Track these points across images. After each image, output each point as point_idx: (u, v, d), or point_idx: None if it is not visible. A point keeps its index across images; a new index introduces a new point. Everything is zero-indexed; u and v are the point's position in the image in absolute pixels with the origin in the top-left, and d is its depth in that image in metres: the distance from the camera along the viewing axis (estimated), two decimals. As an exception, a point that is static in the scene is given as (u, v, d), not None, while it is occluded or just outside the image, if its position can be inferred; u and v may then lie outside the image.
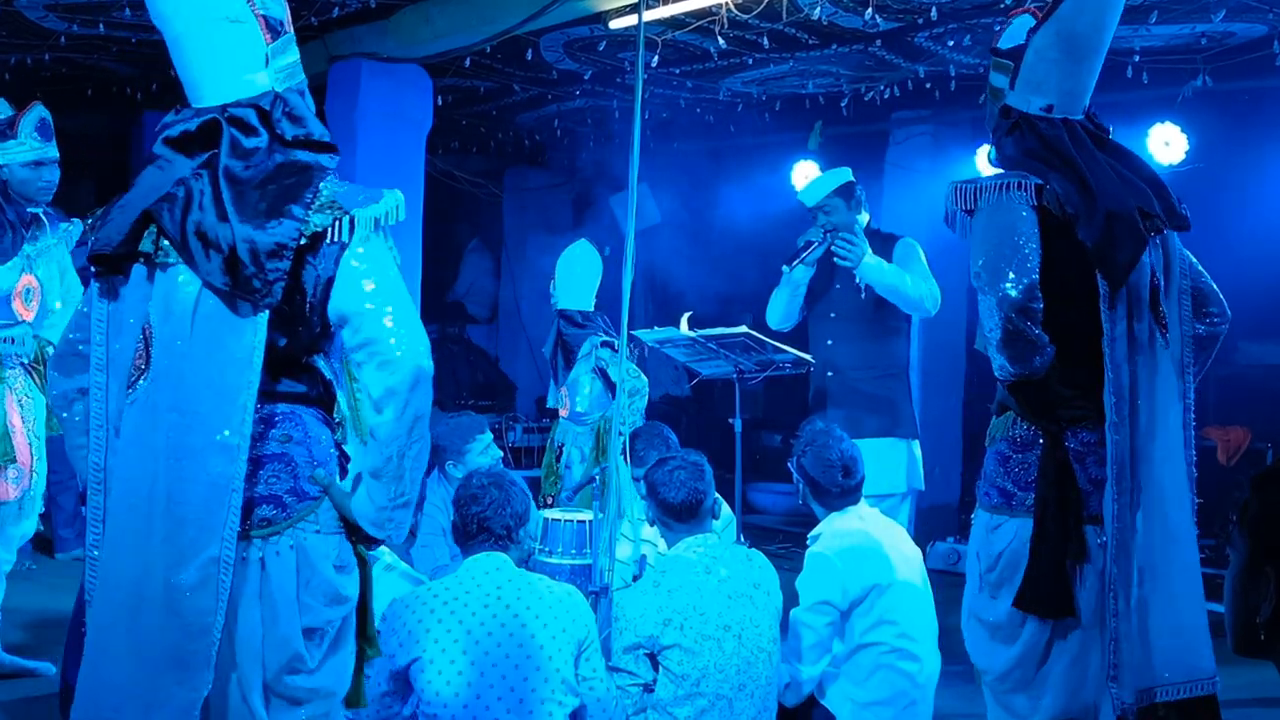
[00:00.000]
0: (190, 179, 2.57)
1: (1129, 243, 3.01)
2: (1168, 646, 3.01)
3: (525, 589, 3.45)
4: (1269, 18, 5.86)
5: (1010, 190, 3.04)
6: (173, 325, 2.56)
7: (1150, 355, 3.08)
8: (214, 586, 2.50)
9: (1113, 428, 3.00)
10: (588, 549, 4.42)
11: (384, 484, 2.59)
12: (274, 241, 2.50)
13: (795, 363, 5.37)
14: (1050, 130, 3.11)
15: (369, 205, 2.60)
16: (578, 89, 8.05)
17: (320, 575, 2.62)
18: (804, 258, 5.54)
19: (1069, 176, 3.04)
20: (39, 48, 6.99)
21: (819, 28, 6.29)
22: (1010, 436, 3.20)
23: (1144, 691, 3.01)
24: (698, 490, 3.86)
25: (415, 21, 6.66)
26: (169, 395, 2.54)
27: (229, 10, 2.59)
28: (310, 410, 2.70)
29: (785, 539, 8.04)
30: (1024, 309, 2.95)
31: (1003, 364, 3.04)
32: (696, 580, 3.75)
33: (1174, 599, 3.04)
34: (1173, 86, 6.68)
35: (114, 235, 2.61)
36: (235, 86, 2.62)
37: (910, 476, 5.56)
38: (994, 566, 3.19)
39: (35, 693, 4.62)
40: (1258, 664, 3.85)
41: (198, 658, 2.51)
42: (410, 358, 2.54)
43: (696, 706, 3.66)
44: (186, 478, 2.52)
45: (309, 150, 2.63)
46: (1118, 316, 3.02)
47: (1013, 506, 3.16)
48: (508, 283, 11.05)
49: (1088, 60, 3.13)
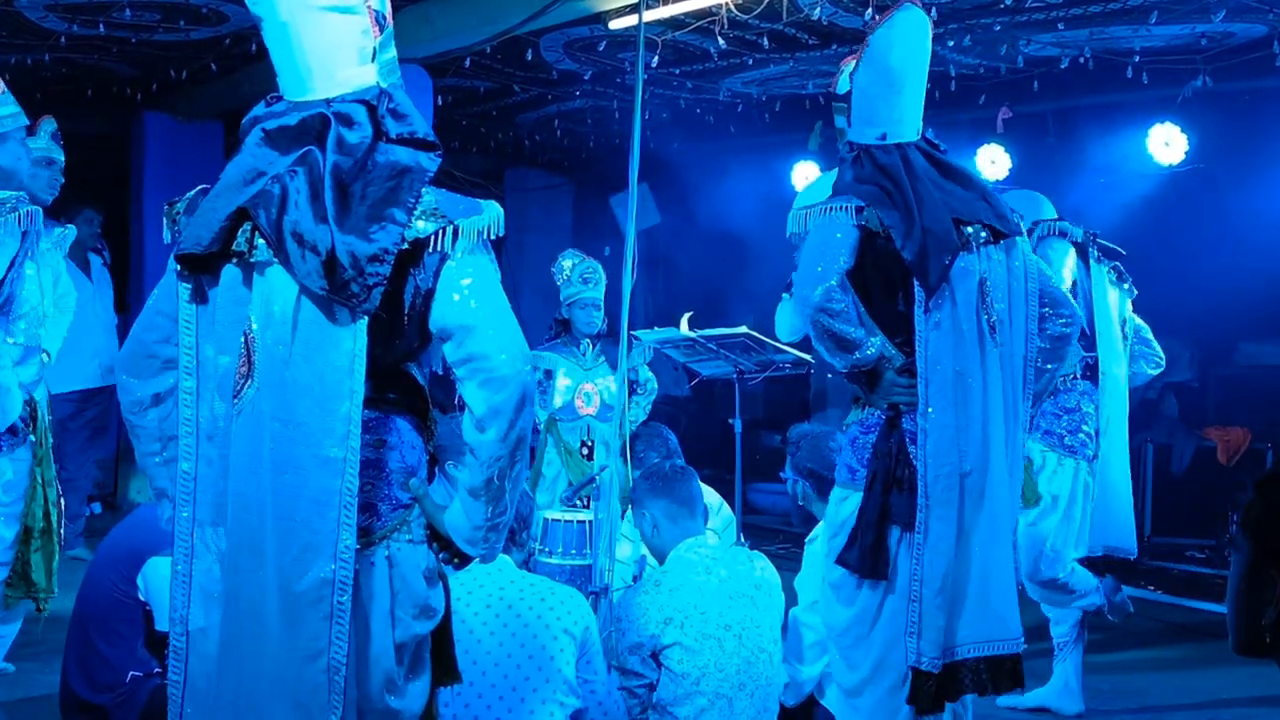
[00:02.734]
0: (285, 176, 2.42)
1: (942, 254, 3.37)
2: (975, 612, 3.40)
3: (526, 590, 3.45)
4: (1269, 18, 5.87)
5: (833, 212, 3.47)
6: (274, 330, 2.42)
7: (978, 350, 3.41)
8: (327, 608, 2.38)
9: (922, 416, 3.37)
10: (588, 549, 4.42)
11: (482, 503, 2.48)
12: (377, 246, 2.37)
13: (795, 363, 5.38)
14: (885, 157, 3.47)
15: (473, 216, 2.49)
16: (578, 89, 8.06)
17: (411, 586, 2.51)
18: None
19: (893, 197, 3.42)
20: (39, 48, 6.99)
21: (819, 28, 6.29)
22: (859, 420, 3.56)
23: (948, 649, 3.38)
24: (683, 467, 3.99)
25: (415, 21, 6.66)
26: (272, 405, 2.41)
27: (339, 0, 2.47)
28: (406, 417, 2.60)
29: (785, 539, 8.04)
30: (824, 309, 3.38)
31: (826, 359, 3.48)
32: (697, 580, 3.76)
33: (994, 568, 3.42)
34: (1173, 86, 6.69)
35: (204, 234, 2.44)
36: (343, 80, 2.49)
37: (910, 477, 5.56)
38: (837, 533, 3.52)
39: (35, 693, 4.62)
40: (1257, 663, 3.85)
41: (306, 685, 2.38)
42: (516, 376, 2.41)
43: (696, 705, 3.66)
44: (290, 493, 2.39)
45: (411, 148, 2.49)
46: (933, 321, 3.38)
47: (855, 482, 3.51)
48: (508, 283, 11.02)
49: (906, 88, 3.49)
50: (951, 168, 3.56)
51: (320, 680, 2.38)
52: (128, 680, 3.93)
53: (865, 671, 3.50)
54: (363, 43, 2.51)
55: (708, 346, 5.33)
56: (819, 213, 3.49)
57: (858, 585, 3.47)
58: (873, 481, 3.43)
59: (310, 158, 2.43)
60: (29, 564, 4.23)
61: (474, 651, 3.31)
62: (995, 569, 3.43)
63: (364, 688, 2.48)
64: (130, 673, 3.94)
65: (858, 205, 3.43)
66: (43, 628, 4.65)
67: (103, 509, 8.05)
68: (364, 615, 2.46)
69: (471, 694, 3.29)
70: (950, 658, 3.38)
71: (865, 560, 3.41)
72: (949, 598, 3.35)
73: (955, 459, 3.35)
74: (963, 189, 3.51)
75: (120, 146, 9.05)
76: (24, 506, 4.16)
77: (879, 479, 3.42)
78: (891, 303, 3.45)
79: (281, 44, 2.50)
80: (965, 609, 3.39)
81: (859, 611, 3.48)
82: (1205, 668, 5.52)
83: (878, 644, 3.47)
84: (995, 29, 6.17)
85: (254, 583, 2.41)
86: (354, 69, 2.50)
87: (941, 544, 3.34)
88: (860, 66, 3.47)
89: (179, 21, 6.60)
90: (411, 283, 2.46)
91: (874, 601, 3.46)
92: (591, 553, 4.40)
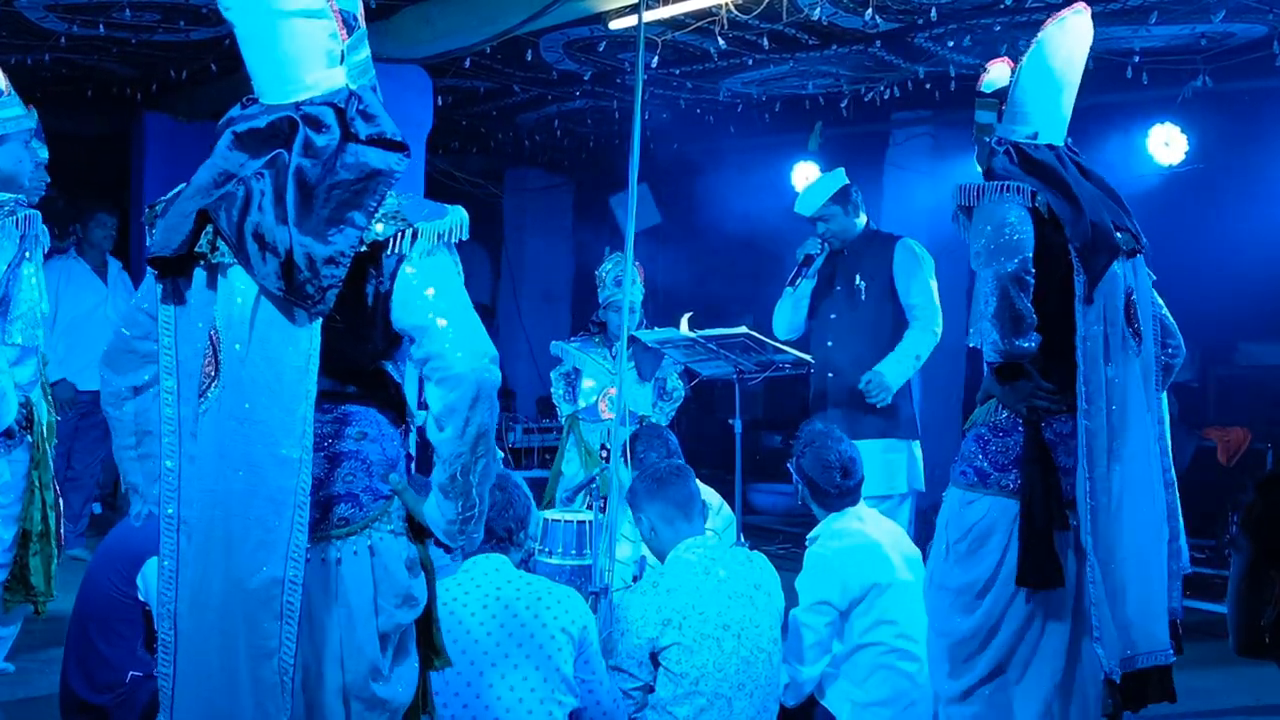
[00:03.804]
0: (251, 179, 2.47)
1: (1105, 250, 3.36)
2: (1138, 620, 3.37)
3: (525, 590, 3.45)
4: (1269, 18, 5.86)
5: (1009, 191, 3.41)
6: (234, 330, 2.48)
7: (1124, 358, 3.39)
8: (277, 607, 2.41)
9: (1084, 415, 3.30)
10: (587, 549, 4.43)
11: (451, 500, 2.52)
12: (333, 249, 2.42)
13: (795, 363, 5.37)
14: (1037, 154, 3.47)
15: (433, 220, 2.52)
16: (578, 89, 8.06)
17: (393, 577, 2.56)
18: (805, 273, 5.56)
19: (1057, 188, 3.39)
20: (39, 48, 6.99)
21: (819, 28, 6.29)
22: (990, 422, 3.49)
23: (1126, 659, 3.34)
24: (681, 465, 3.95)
25: (415, 22, 6.66)
26: (232, 403, 2.46)
27: (307, 3, 2.50)
28: (384, 411, 2.64)
29: (785, 539, 8.04)
30: (1018, 279, 3.28)
31: (995, 340, 3.32)
32: (695, 580, 3.76)
33: (1143, 580, 3.39)
34: (1173, 86, 6.69)
35: (172, 237, 2.50)
36: (312, 83, 2.53)
37: (910, 477, 5.56)
38: (964, 537, 3.45)
39: (35, 693, 4.62)
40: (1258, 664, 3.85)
41: (263, 685, 2.42)
42: (471, 374, 2.44)
43: (695, 705, 3.66)
44: (247, 491, 2.44)
45: (380, 148, 2.53)
46: (1091, 318, 3.34)
47: (988, 485, 3.44)
48: (507, 283, 11.06)
49: (1063, 91, 3.50)
50: (1097, 176, 3.55)
51: (274, 680, 2.42)
52: (128, 680, 3.93)
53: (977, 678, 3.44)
54: (331, 45, 2.55)
55: (708, 347, 5.32)
56: (992, 189, 3.42)
57: (980, 594, 3.41)
58: (1032, 490, 3.34)
59: (278, 160, 2.48)
60: (27, 567, 4.22)
61: (471, 651, 3.32)
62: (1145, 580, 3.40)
63: (349, 676, 2.52)
64: (130, 673, 3.94)
65: (1032, 189, 3.38)
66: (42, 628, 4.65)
67: (103, 509, 8.05)
68: (347, 604, 2.51)
69: (470, 694, 3.29)
70: (1129, 666, 3.34)
71: (1043, 572, 3.31)
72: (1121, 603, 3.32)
73: (1109, 464, 3.31)
74: (1109, 198, 3.51)
75: (120, 147, 9.05)
76: (21, 509, 4.16)
77: (1038, 486, 3.33)
78: (1042, 299, 3.34)
79: (252, 48, 2.57)
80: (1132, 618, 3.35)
81: (981, 620, 3.43)
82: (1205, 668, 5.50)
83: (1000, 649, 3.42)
84: (995, 29, 6.17)
85: (217, 579, 2.47)
86: (323, 71, 2.55)
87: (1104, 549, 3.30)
88: (1027, 61, 3.45)
89: (179, 22, 6.59)
90: (371, 284, 2.51)
91: (997, 610, 3.41)
92: (591, 553, 4.40)
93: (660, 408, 6.05)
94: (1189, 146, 7.30)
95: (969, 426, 3.58)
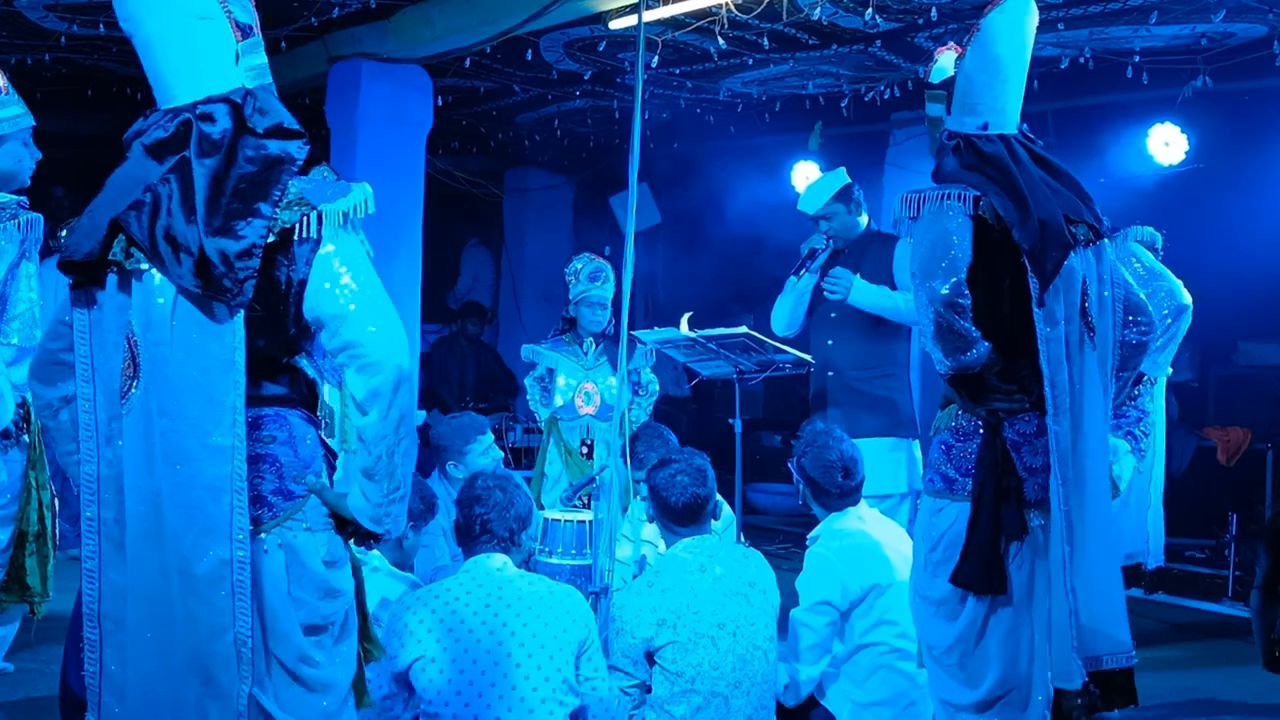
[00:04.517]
0: (158, 185, 2.57)
1: (1056, 248, 3.26)
2: (1101, 621, 3.31)
3: (526, 589, 3.46)
4: (1269, 18, 5.86)
5: (949, 200, 3.31)
6: (154, 332, 2.56)
7: (1080, 355, 3.32)
8: (228, 586, 2.52)
9: (1053, 418, 3.24)
10: (588, 549, 4.42)
11: (377, 482, 2.61)
12: (245, 242, 2.50)
13: (795, 363, 5.37)
14: (988, 146, 3.34)
15: (336, 199, 2.59)
16: (578, 89, 8.06)
17: (310, 571, 2.64)
18: (809, 266, 5.55)
19: (1005, 187, 3.29)
20: (39, 48, 6.99)
21: (819, 28, 6.29)
22: (953, 427, 3.44)
23: (1090, 659, 3.28)
24: (699, 495, 3.87)
25: (415, 22, 6.66)
26: (158, 401, 2.55)
27: (199, 8, 2.59)
28: (294, 410, 2.70)
29: (785, 539, 8.04)
30: (951, 303, 3.23)
31: (939, 357, 3.31)
32: (691, 579, 3.76)
33: (1106, 580, 3.35)
34: (1173, 86, 6.69)
35: (83, 243, 2.60)
36: (207, 83, 2.61)
37: (910, 477, 5.56)
38: (936, 546, 3.42)
39: (35, 693, 4.62)
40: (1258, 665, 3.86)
41: (216, 659, 2.52)
42: (391, 359, 2.54)
43: (692, 704, 3.66)
44: (183, 482, 2.53)
45: (279, 139, 2.61)
46: (1051, 318, 3.26)
47: (954, 491, 3.40)
48: (507, 283, 11.05)
49: (1012, 79, 3.39)
50: (1051, 163, 3.45)
51: (229, 653, 2.52)
52: (127, 680, 3.93)
53: (986, 689, 3.37)
54: (225, 48, 2.62)
55: (708, 346, 5.32)
56: (933, 199, 3.34)
57: (961, 600, 3.36)
58: (981, 494, 3.30)
59: (183, 164, 2.56)
60: (23, 568, 4.22)
61: (474, 650, 3.32)
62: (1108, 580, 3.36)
63: (284, 660, 2.62)
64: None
65: (975, 195, 3.30)
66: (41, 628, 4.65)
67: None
68: (264, 596, 2.60)
69: (471, 693, 3.30)
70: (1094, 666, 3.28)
71: (983, 577, 3.28)
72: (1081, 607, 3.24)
73: (1076, 464, 3.25)
74: (1065, 186, 3.41)
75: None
76: (18, 509, 4.16)
77: (988, 490, 3.29)
78: (995, 302, 3.32)
79: (149, 54, 2.65)
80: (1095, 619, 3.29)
81: (964, 628, 3.38)
82: (1205, 668, 5.52)
83: (998, 661, 3.35)
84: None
85: (155, 570, 2.55)
86: (218, 73, 2.62)
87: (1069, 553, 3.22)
88: (969, 51, 3.37)
89: (179, 21, 6.59)
90: (284, 272, 2.57)
91: (979, 616, 3.36)
92: (591, 553, 4.40)
93: (637, 403, 6.02)
94: (1189, 146, 7.29)
95: (934, 432, 3.52)
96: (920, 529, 3.52)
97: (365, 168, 7.14)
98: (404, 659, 3.34)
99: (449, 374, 9.92)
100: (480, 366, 10.15)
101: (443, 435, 5.20)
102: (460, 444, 5.09)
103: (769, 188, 8.91)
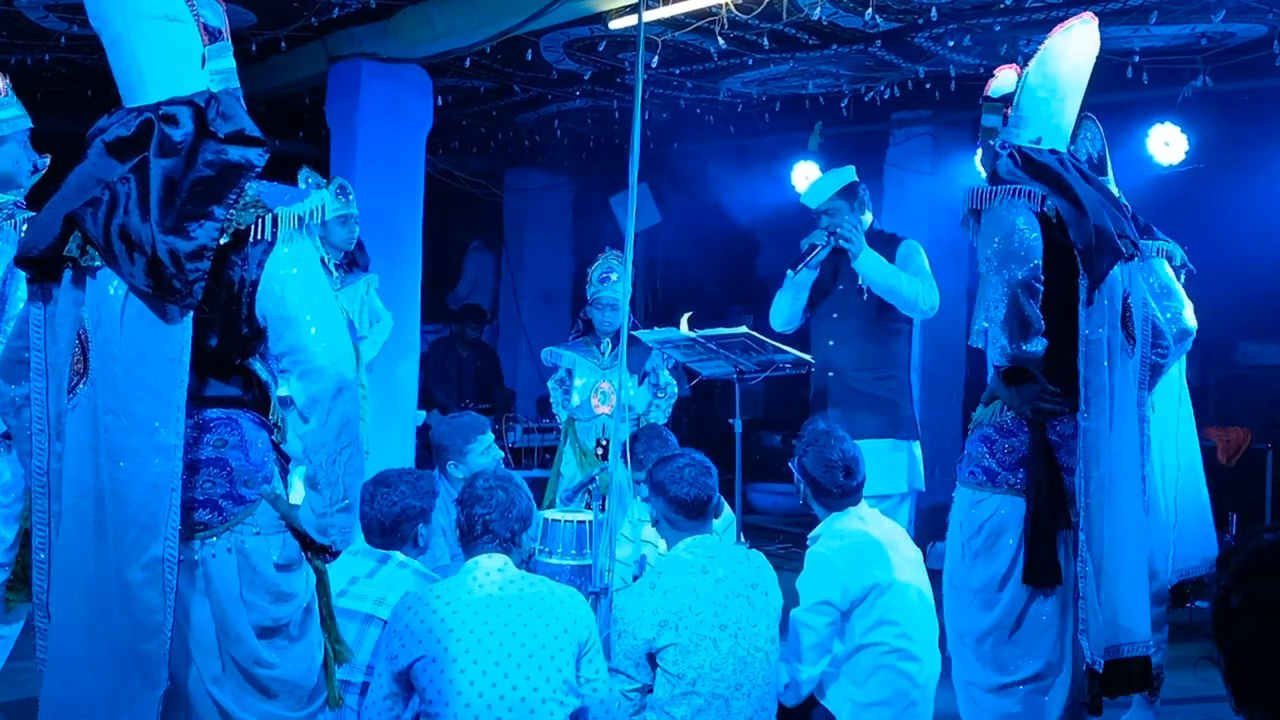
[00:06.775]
0: (117, 183, 2.58)
1: (1108, 253, 3.41)
2: (1123, 613, 3.45)
3: (526, 590, 3.45)
4: (1269, 18, 5.86)
5: (1019, 195, 3.45)
6: (105, 329, 2.58)
7: (1120, 361, 3.45)
8: (159, 585, 2.54)
9: (1084, 416, 3.38)
10: (588, 549, 4.42)
11: (321, 492, 2.64)
12: (196, 243, 2.52)
13: (795, 363, 5.36)
14: (1040, 157, 3.51)
15: (292, 204, 2.61)
16: (578, 89, 8.06)
17: (261, 575, 2.66)
18: (809, 261, 5.54)
19: (1061, 191, 3.43)
20: (39, 48, 6.99)
21: (819, 28, 6.29)
22: (996, 423, 3.57)
23: (1111, 648, 3.43)
24: (707, 486, 3.89)
25: (415, 22, 6.66)
26: (105, 398, 2.56)
27: (167, 9, 2.60)
28: (246, 414, 2.71)
29: (785, 539, 8.04)
30: (1028, 285, 3.35)
31: (1003, 344, 3.40)
32: (692, 580, 3.75)
33: (1130, 575, 3.47)
34: (1173, 86, 6.69)
35: (40, 239, 2.62)
36: (172, 84, 2.63)
37: (911, 477, 5.56)
38: (976, 535, 3.53)
39: (35, 693, 4.60)
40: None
41: (152, 657, 2.55)
42: (332, 366, 2.57)
43: (693, 705, 3.66)
44: (127, 479, 2.55)
45: (240, 145, 2.63)
46: (1094, 321, 3.39)
47: (996, 484, 3.52)
48: (508, 283, 11.05)
49: (1069, 98, 3.56)
50: (1097, 182, 3.61)
51: (161, 654, 2.56)
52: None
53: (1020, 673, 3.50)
54: (192, 50, 2.64)
55: (708, 346, 5.32)
56: (1004, 193, 3.46)
57: (999, 589, 3.49)
58: (1038, 491, 3.42)
59: (144, 163, 2.57)
60: (29, 567, 4.22)
61: (474, 651, 3.32)
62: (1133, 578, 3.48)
63: (239, 661, 2.65)
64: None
65: (1042, 193, 3.43)
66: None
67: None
68: (216, 598, 2.63)
69: (472, 693, 3.29)
70: (1114, 655, 3.42)
71: (1048, 572, 3.41)
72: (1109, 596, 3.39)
73: (1107, 463, 3.38)
74: (1111, 203, 3.56)
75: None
76: (23, 508, 4.15)
77: (1044, 489, 3.41)
78: (1050, 302, 3.41)
79: (117, 53, 2.68)
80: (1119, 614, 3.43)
81: (1001, 615, 3.51)
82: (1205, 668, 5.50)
83: (1035, 647, 3.49)
84: (995, 29, 6.17)
85: (94, 564, 2.58)
86: (184, 75, 2.64)
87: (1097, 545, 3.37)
88: (1032, 69, 3.51)
89: (179, 21, 6.59)
90: (237, 272, 2.59)
91: (1018, 605, 3.48)
92: (591, 553, 4.40)
93: (656, 405, 6.05)
94: (1189, 146, 7.30)
95: (974, 426, 3.65)
96: (957, 519, 3.63)
97: (365, 168, 7.14)
98: (404, 659, 3.34)
99: (448, 375, 9.93)
100: (480, 368, 10.16)
101: (443, 435, 5.20)
102: (460, 444, 5.09)
103: (769, 188, 8.92)
